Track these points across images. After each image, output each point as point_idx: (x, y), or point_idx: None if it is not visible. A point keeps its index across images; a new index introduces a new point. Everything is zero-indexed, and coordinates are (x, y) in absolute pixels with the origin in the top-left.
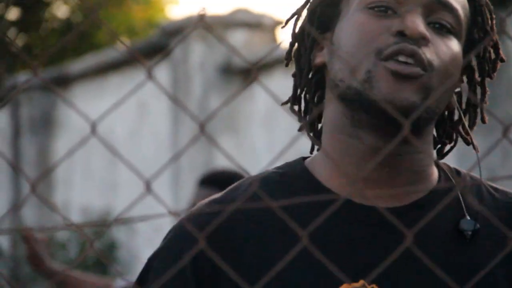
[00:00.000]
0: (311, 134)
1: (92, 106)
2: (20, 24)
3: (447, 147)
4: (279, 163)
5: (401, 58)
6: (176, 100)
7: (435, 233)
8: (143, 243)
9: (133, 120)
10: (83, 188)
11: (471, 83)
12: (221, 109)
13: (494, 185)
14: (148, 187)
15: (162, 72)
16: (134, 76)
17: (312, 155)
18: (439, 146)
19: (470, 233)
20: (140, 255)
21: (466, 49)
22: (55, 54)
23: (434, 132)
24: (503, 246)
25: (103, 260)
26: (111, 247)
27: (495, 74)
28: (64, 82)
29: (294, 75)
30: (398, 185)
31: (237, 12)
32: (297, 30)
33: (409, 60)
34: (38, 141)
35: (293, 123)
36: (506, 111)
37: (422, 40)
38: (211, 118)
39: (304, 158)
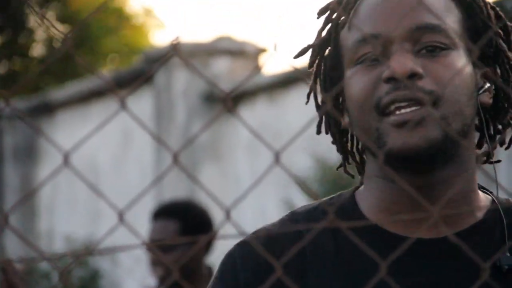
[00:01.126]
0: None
1: (76, 134)
2: (2, 51)
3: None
4: (260, 190)
5: (399, 108)
6: (150, 131)
7: (472, 267)
8: (124, 273)
9: (117, 148)
10: (67, 216)
11: (496, 76)
12: (198, 136)
13: None
14: (121, 218)
15: (146, 100)
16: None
17: (361, 187)
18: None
19: (506, 267)
20: (122, 285)
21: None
22: (38, 81)
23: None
24: None
25: None
26: (94, 276)
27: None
28: (48, 109)
29: (333, 143)
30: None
31: (220, 39)
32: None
33: (407, 104)
34: (22, 169)
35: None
36: None
37: (414, 76)
38: (186, 147)
39: (357, 188)
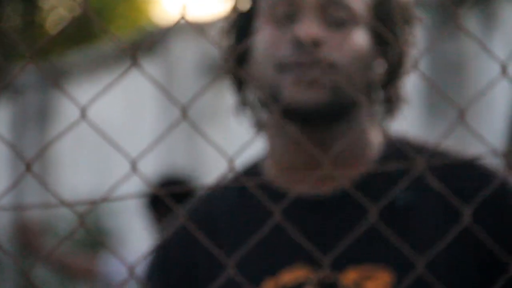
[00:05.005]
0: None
1: (87, 99)
2: (21, 17)
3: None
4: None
5: (299, 67)
6: (161, 86)
7: (357, 219)
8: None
9: (124, 115)
10: (73, 179)
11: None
12: (201, 94)
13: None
14: (134, 167)
15: (147, 68)
16: (129, 70)
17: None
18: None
19: (401, 205)
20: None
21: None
22: (52, 45)
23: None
24: (450, 223)
25: (93, 236)
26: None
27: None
28: (60, 74)
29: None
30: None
31: None
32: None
33: (306, 66)
34: (36, 132)
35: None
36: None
37: (317, 42)
38: (192, 101)
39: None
